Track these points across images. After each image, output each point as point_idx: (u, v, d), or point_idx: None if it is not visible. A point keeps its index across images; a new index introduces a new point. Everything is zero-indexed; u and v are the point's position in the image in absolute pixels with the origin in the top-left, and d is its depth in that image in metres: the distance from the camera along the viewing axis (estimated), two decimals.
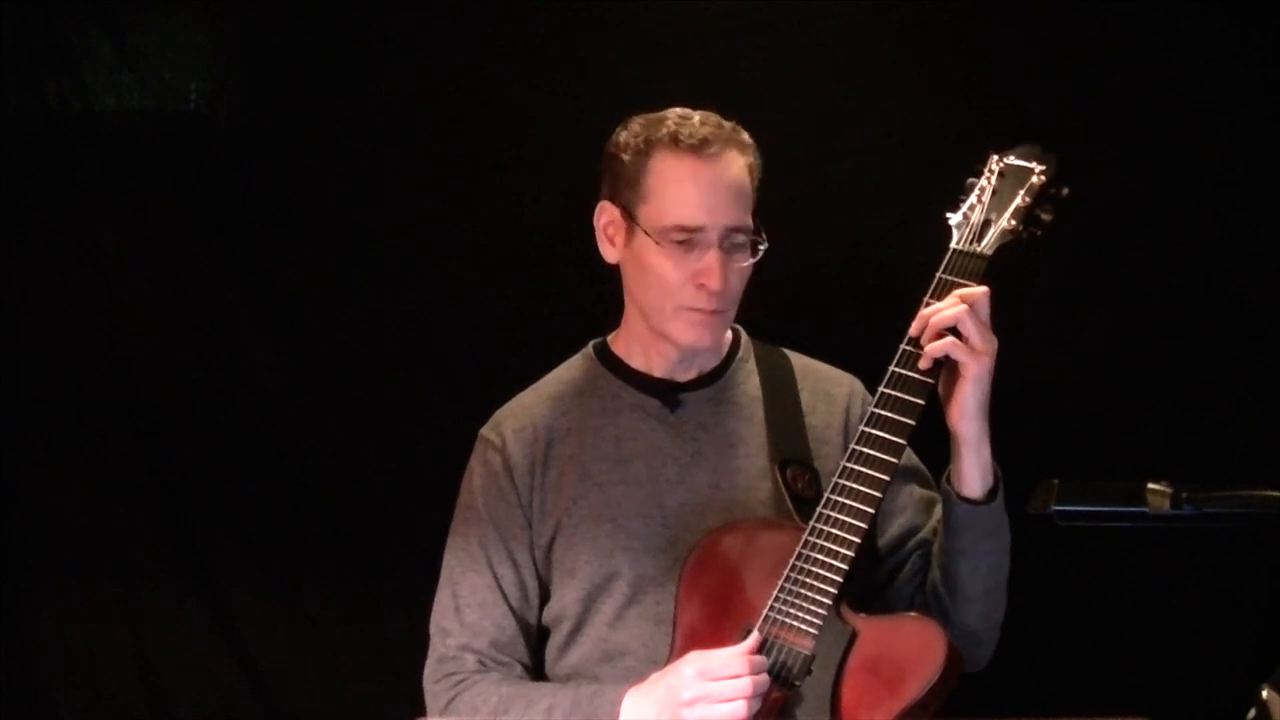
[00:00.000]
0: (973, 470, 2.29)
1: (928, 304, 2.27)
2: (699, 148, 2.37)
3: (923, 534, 2.43)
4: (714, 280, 2.35)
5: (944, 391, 2.27)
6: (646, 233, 2.38)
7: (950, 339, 2.22)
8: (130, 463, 3.41)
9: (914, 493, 2.45)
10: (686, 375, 2.50)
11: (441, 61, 3.33)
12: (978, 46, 3.22)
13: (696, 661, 2.22)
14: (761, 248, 2.40)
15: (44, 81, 3.40)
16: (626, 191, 2.41)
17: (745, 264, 2.40)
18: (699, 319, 2.39)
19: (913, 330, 2.26)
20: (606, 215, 2.45)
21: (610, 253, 2.46)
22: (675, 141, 2.37)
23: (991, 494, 2.31)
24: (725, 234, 2.37)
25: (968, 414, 2.25)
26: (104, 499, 3.41)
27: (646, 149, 2.39)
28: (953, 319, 2.22)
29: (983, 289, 2.25)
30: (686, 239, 2.36)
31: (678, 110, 2.43)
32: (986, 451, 2.29)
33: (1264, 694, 1.84)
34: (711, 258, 2.36)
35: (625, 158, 2.41)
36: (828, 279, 3.23)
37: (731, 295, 2.40)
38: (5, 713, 3.40)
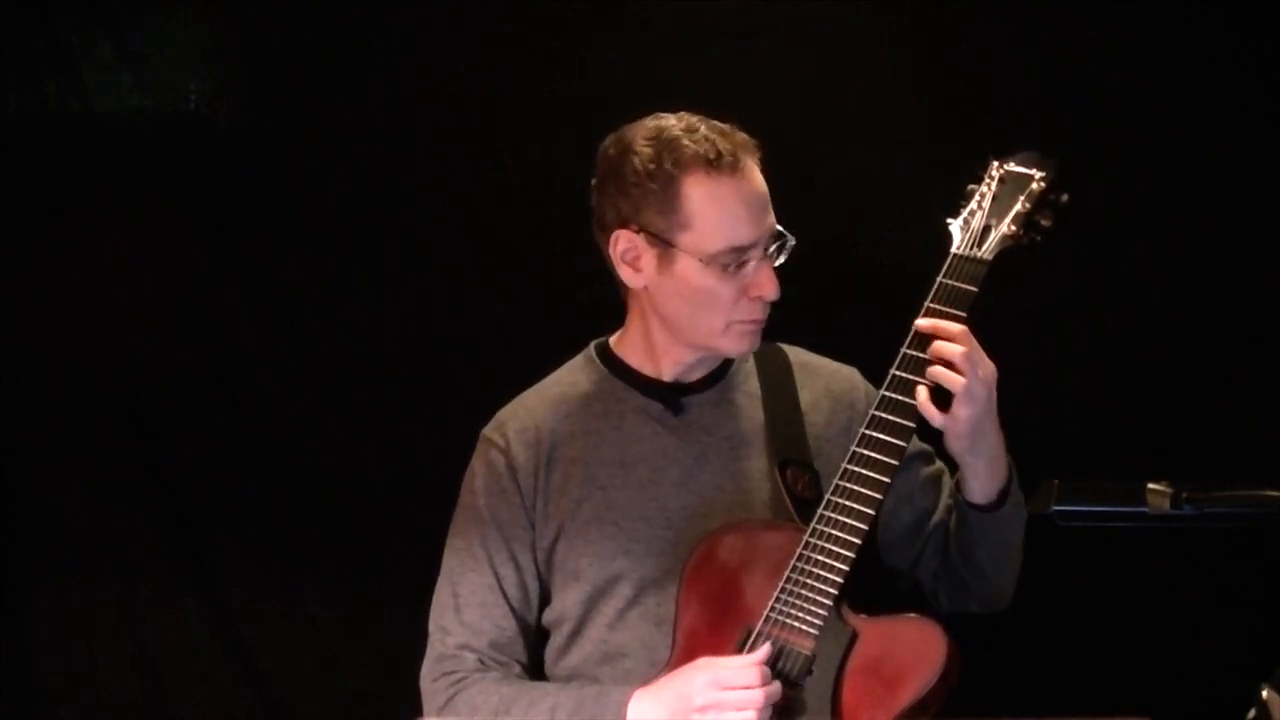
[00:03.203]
0: (974, 482, 2.32)
1: (928, 309, 2.27)
2: (731, 167, 2.34)
3: (937, 515, 2.44)
4: (771, 290, 2.35)
5: (940, 410, 2.27)
6: (692, 257, 2.35)
7: (950, 374, 2.23)
8: (130, 463, 3.41)
9: (920, 474, 2.45)
10: (692, 377, 2.49)
11: (441, 61, 3.33)
12: (978, 47, 3.22)
13: (709, 669, 2.22)
14: (791, 243, 2.39)
15: (44, 81, 3.39)
16: (658, 220, 2.35)
17: (779, 262, 2.40)
18: (753, 329, 2.39)
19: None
20: (625, 242, 2.39)
21: (636, 279, 2.40)
22: (706, 163, 2.33)
23: (1001, 497, 2.33)
24: (769, 241, 2.37)
25: (959, 434, 2.26)
26: (104, 499, 3.41)
27: (676, 173, 2.34)
28: (952, 355, 2.23)
29: (961, 328, 2.24)
30: (739, 259, 2.35)
31: (680, 124, 2.38)
32: (983, 466, 2.30)
33: (1264, 694, 1.84)
34: (765, 269, 2.35)
35: (653, 186, 2.34)
36: (828, 279, 3.22)
37: None
38: (5, 713, 3.40)
